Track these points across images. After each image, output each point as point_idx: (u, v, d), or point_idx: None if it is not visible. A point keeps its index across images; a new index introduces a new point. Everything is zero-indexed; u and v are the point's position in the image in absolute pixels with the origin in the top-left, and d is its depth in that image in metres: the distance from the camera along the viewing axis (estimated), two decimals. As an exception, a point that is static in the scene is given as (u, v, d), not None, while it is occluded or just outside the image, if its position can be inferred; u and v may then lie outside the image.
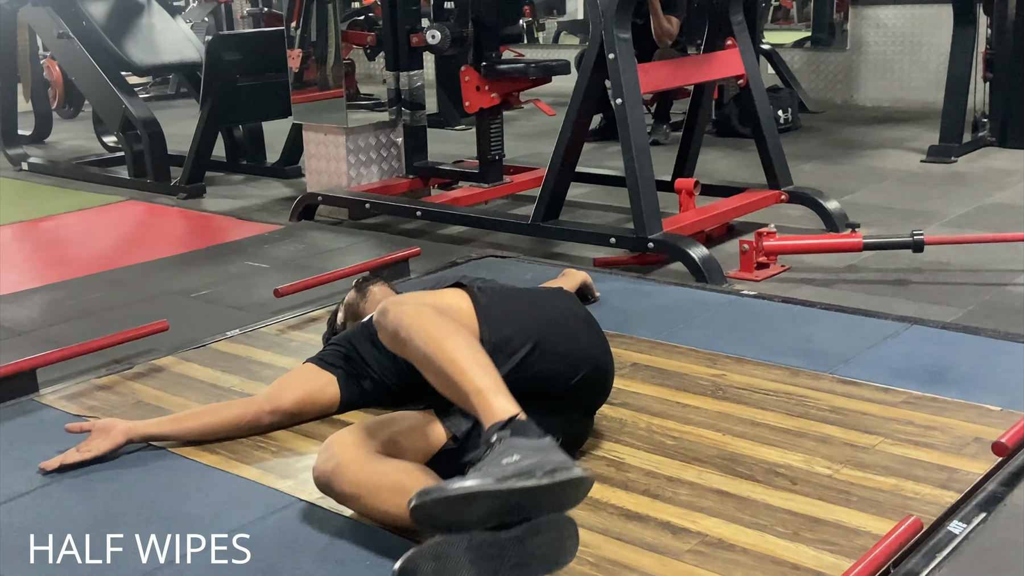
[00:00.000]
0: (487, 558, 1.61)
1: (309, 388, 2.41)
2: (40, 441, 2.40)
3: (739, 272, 3.86)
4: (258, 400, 2.40)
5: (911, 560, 1.77)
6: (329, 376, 2.43)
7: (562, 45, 10.10)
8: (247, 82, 5.94)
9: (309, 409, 2.41)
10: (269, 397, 2.39)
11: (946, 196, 5.09)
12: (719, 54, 4.61)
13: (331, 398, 2.43)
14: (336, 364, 2.45)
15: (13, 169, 6.86)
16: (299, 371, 2.48)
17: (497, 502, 1.59)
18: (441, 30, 4.83)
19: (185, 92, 8.60)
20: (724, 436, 2.29)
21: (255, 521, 2.00)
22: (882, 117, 7.68)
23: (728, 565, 1.79)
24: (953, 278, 3.79)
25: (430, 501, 1.60)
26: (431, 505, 1.60)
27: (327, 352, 2.49)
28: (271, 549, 1.89)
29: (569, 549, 1.67)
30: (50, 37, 6.47)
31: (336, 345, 2.50)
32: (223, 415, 2.37)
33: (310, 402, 2.41)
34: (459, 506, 1.60)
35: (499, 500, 1.59)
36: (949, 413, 2.35)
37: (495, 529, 1.62)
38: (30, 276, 4.36)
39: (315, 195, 5.03)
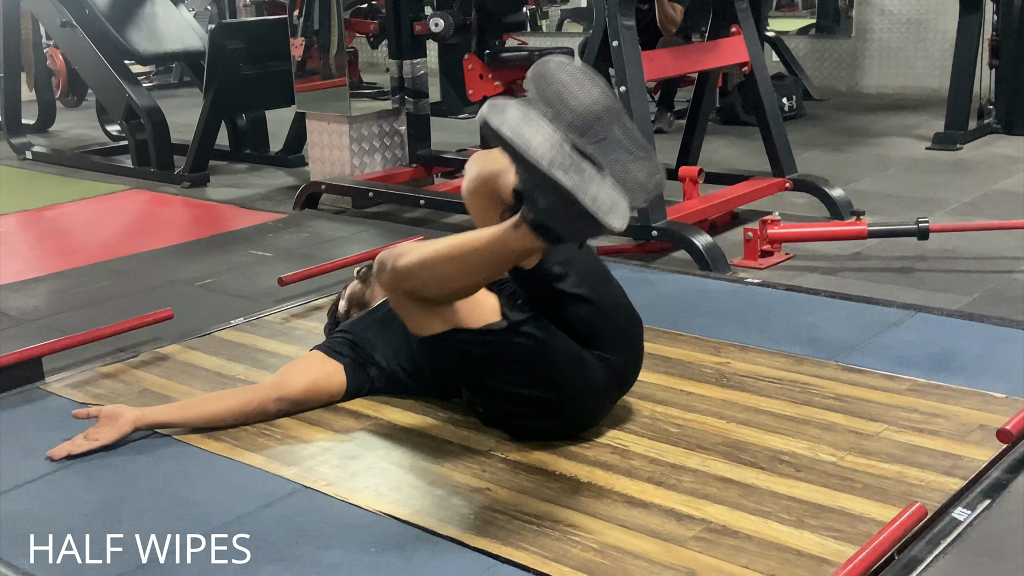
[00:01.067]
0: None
1: (316, 376, 2.42)
2: (46, 429, 2.40)
3: (743, 260, 3.86)
4: (264, 387, 2.40)
5: (915, 547, 1.78)
6: (336, 364, 2.44)
7: (566, 33, 10.07)
8: (250, 71, 5.93)
9: (316, 397, 2.41)
10: (276, 384, 2.40)
11: (951, 183, 5.08)
12: (723, 41, 4.59)
13: (338, 386, 2.43)
14: (343, 352, 2.45)
15: (17, 158, 6.87)
16: (306, 359, 2.48)
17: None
18: (444, 18, 4.82)
19: (188, 81, 8.58)
20: (728, 423, 2.29)
21: (259, 508, 2.00)
22: (887, 104, 7.66)
23: (732, 552, 1.80)
24: (958, 266, 3.78)
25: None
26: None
27: (334, 340, 2.50)
28: (275, 536, 1.90)
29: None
30: (53, 26, 6.46)
31: (343, 332, 2.51)
32: (229, 402, 2.37)
33: (317, 390, 2.41)
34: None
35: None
36: (953, 400, 2.36)
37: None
38: (35, 265, 4.37)
39: (318, 184, 5.03)
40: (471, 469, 2.13)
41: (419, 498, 2.03)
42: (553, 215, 1.80)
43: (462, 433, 2.29)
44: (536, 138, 1.76)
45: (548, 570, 1.76)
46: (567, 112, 1.79)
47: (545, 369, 2.16)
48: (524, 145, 1.75)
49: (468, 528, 1.90)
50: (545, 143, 1.76)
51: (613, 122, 1.82)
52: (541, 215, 1.83)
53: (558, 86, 1.80)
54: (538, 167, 1.75)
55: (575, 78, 1.81)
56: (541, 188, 1.78)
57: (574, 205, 1.75)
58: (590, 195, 1.75)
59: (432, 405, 2.42)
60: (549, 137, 1.77)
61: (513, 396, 2.18)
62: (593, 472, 2.09)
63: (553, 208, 1.79)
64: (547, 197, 1.78)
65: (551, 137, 1.77)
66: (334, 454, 2.22)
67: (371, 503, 2.00)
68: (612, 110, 1.82)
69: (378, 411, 2.41)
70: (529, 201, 1.84)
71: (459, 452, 2.20)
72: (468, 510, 1.96)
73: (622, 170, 1.80)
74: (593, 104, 1.80)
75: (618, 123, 1.82)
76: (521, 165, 1.80)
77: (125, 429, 2.27)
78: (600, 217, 1.75)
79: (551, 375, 2.16)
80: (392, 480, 2.11)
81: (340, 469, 2.15)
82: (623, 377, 2.30)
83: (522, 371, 2.16)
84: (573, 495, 2.01)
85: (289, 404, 2.38)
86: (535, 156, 1.75)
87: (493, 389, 2.21)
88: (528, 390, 2.16)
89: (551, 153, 1.75)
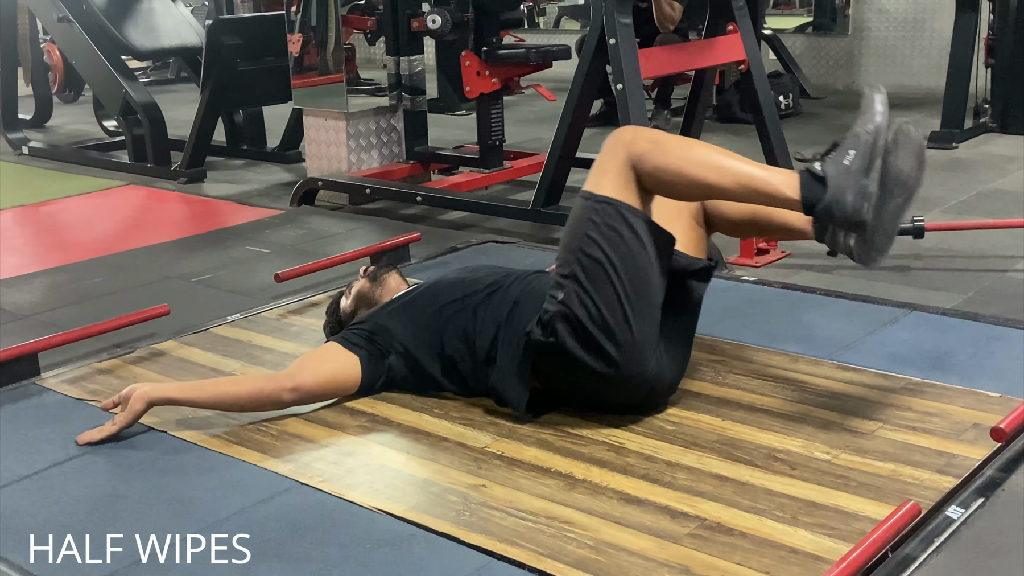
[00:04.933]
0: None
1: (333, 367, 2.41)
2: (42, 424, 2.41)
3: (739, 258, 3.86)
4: (280, 377, 2.38)
5: (909, 545, 1.78)
6: (352, 356, 2.43)
7: (563, 30, 10.07)
8: (247, 66, 5.93)
9: (331, 389, 2.41)
10: (291, 375, 2.38)
11: (947, 182, 5.09)
12: (720, 39, 4.59)
13: (353, 379, 2.42)
14: (360, 344, 2.45)
15: (14, 153, 6.86)
16: (323, 350, 2.47)
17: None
18: (442, 15, 4.82)
19: (185, 76, 8.57)
20: (723, 421, 2.30)
21: (256, 504, 2.01)
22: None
23: (726, 549, 1.80)
24: (953, 264, 3.79)
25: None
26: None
27: (351, 332, 2.49)
28: (272, 532, 1.90)
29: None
30: (50, 21, 6.45)
31: (359, 325, 2.51)
32: (244, 387, 2.38)
33: (333, 382, 2.40)
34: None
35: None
36: (948, 399, 2.36)
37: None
38: (31, 260, 4.37)
39: (315, 180, 5.03)
40: (466, 466, 2.13)
41: (414, 494, 2.03)
42: (843, 175, 2.00)
43: (457, 430, 2.29)
44: (884, 135, 2.03)
45: (543, 566, 1.76)
46: (899, 158, 2.01)
47: (644, 294, 2.17)
48: (883, 124, 2.03)
49: (463, 524, 1.90)
50: (885, 141, 2.02)
51: (903, 198, 2.03)
52: (833, 167, 2.01)
53: (910, 143, 2.03)
54: (880, 137, 2.00)
55: (920, 151, 2.05)
56: (863, 150, 2.00)
57: (863, 185, 1.99)
58: (876, 193, 2.00)
59: (428, 402, 2.43)
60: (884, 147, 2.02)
61: (604, 287, 2.15)
62: (588, 469, 2.10)
63: (849, 172, 2.00)
64: (860, 159, 2.00)
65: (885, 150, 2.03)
66: (330, 450, 2.23)
67: (367, 499, 2.01)
68: (912, 192, 2.04)
69: (374, 407, 2.42)
70: (837, 154, 2.03)
71: (454, 449, 2.21)
72: (463, 506, 1.97)
73: (884, 234, 2.03)
74: (911, 174, 2.02)
75: (904, 202, 2.03)
76: (871, 126, 2.02)
77: (137, 407, 2.27)
78: (868, 213, 1.99)
79: (643, 303, 2.17)
80: (387, 476, 2.11)
81: (336, 465, 2.16)
82: (653, 391, 2.31)
83: (629, 273, 2.15)
84: (568, 492, 2.01)
85: (304, 395, 2.37)
86: (883, 134, 2.03)
87: (595, 275, 2.16)
88: (622, 291, 2.14)
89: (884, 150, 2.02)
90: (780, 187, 2.06)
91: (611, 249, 2.16)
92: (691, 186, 2.15)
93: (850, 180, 2.00)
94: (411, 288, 2.62)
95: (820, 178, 2.02)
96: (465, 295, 2.44)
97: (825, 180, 2.01)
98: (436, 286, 2.53)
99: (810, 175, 2.04)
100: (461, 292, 2.45)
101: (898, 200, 2.01)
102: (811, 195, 2.03)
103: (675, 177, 2.14)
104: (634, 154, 2.15)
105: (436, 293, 2.49)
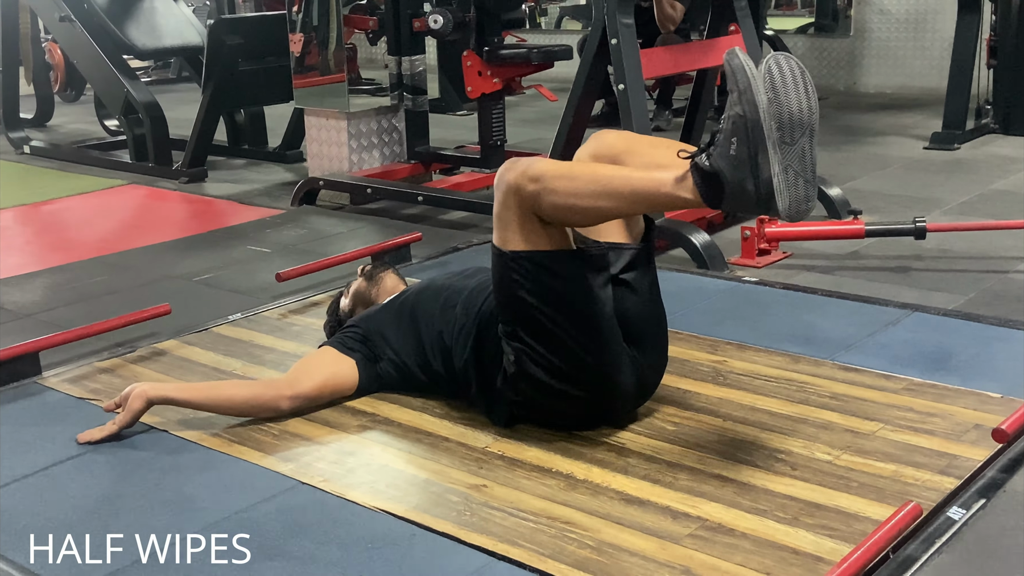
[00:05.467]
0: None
1: (330, 372, 2.41)
2: (42, 424, 2.41)
3: (740, 258, 3.86)
4: (279, 384, 2.39)
5: (910, 545, 1.78)
6: (349, 360, 2.44)
7: (564, 30, 10.07)
8: (249, 66, 5.93)
9: (329, 393, 2.41)
10: (290, 382, 2.39)
11: (949, 183, 5.08)
12: (722, 40, 4.59)
13: (351, 382, 2.43)
14: (354, 348, 2.45)
15: (15, 152, 6.86)
16: (318, 355, 2.48)
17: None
18: (443, 15, 4.81)
19: (187, 76, 8.56)
20: (725, 422, 2.29)
21: (257, 504, 2.00)
22: (885, 104, 7.66)
23: (728, 550, 1.80)
24: (955, 265, 3.79)
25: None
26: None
27: (345, 336, 2.49)
28: (272, 532, 1.90)
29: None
30: (52, 20, 6.45)
31: (353, 327, 2.51)
32: (243, 392, 2.39)
33: (330, 386, 2.41)
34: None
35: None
36: (949, 400, 2.36)
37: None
38: (32, 259, 4.36)
39: (317, 180, 5.03)
40: (468, 466, 2.13)
41: (415, 494, 2.03)
42: (735, 167, 1.88)
43: (459, 430, 2.29)
44: (758, 96, 1.87)
45: (544, 567, 1.76)
46: (783, 104, 1.88)
47: (591, 327, 2.15)
48: (751, 88, 1.86)
49: (464, 524, 1.90)
50: (761, 104, 1.87)
51: (806, 136, 1.90)
52: (722, 161, 1.90)
53: (786, 81, 1.89)
54: (756, 110, 1.85)
55: (801, 82, 1.90)
56: (743, 135, 1.87)
57: (758, 169, 1.86)
58: (777, 169, 1.86)
59: (429, 402, 2.43)
60: (765, 104, 1.87)
61: (550, 338, 2.14)
62: (590, 469, 2.10)
63: (739, 161, 1.88)
64: (743, 146, 1.87)
65: (766, 106, 1.87)
66: (331, 450, 2.23)
67: (367, 499, 2.01)
68: (812, 126, 1.91)
69: (375, 407, 2.42)
70: (720, 147, 1.91)
71: (456, 449, 2.21)
72: (464, 507, 1.97)
73: (792, 177, 1.88)
74: (803, 111, 1.89)
75: (809, 141, 1.90)
76: (742, 102, 1.88)
77: (136, 406, 2.28)
78: (777, 193, 1.86)
79: (593, 334, 2.15)
80: (388, 476, 2.11)
81: (337, 465, 2.16)
82: (644, 387, 2.31)
83: (570, 316, 2.13)
84: (569, 492, 2.01)
85: (303, 401, 2.38)
86: (757, 99, 1.86)
87: (536, 329, 2.15)
88: (568, 336, 2.13)
89: (765, 113, 1.87)
90: (676, 192, 1.97)
91: (543, 303, 2.14)
92: (589, 217, 2.12)
93: (744, 170, 1.89)
94: (403, 291, 2.62)
95: (712, 174, 1.92)
96: (444, 308, 2.41)
97: (719, 176, 1.91)
98: (422, 294, 2.51)
99: (701, 172, 1.94)
100: (441, 303, 2.43)
101: (802, 141, 1.90)
102: (710, 193, 1.94)
103: (571, 213, 2.10)
104: (525, 199, 2.09)
105: (418, 302, 2.48)
